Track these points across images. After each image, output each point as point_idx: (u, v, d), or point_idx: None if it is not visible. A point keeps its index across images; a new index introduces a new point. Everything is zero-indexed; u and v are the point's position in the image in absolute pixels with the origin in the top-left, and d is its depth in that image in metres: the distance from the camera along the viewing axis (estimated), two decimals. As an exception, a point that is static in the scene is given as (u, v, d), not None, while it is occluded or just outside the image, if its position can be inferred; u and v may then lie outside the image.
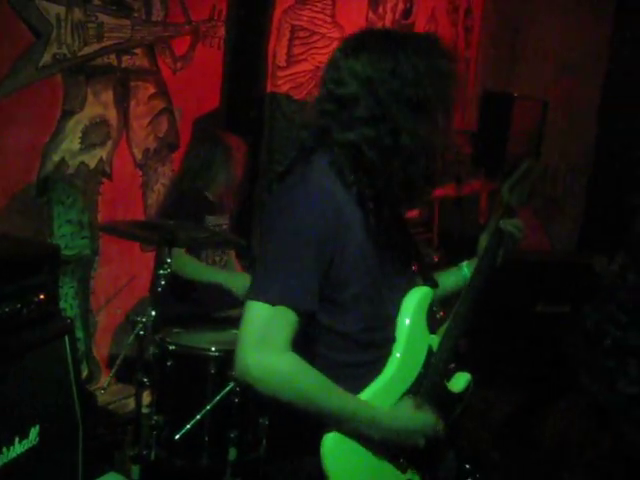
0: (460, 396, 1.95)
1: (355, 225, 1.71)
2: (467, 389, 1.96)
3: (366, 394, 1.75)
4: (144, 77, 3.96)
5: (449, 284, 2.11)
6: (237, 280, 3.52)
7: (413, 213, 4.76)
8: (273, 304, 1.62)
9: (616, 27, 6.76)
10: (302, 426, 1.71)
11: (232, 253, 4.02)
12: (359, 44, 1.76)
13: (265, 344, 1.61)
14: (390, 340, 1.81)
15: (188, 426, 2.90)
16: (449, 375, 1.94)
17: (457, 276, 2.13)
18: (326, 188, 1.69)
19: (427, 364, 1.85)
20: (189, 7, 4.16)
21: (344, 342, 1.76)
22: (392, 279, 1.82)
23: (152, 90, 4.02)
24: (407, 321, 1.82)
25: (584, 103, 6.99)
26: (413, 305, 1.84)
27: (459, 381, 1.96)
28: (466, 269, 2.11)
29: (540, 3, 7.14)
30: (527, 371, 4.99)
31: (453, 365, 1.97)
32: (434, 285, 1.93)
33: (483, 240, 2.10)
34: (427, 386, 1.84)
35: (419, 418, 1.78)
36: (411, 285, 1.88)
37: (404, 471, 1.82)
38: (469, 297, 1.97)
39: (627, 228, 2.94)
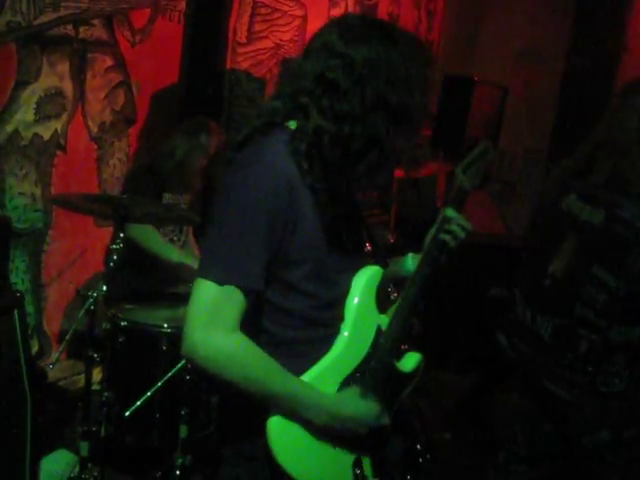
0: (409, 375, 1.95)
1: (306, 206, 1.69)
2: (417, 369, 1.97)
3: (313, 371, 1.75)
4: (101, 49, 3.89)
5: (389, 273, 2.08)
6: (196, 262, 3.49)
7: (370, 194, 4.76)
8: (221, 283, 1.61)
9: (577, 15, 6.82)
10: (250, 407, 1.70)
11: (190, 232, 3.99)
12: (360, 35, 1.70)
13: (213, 323, 1.60)
14: (339, 319, 1.82)
15: (138, 403, 2.88)
16: (399, 355, 1.94)
17: (399, 266, 2.12)
18: (279, 168, 1.67)
19: (375, 344, 1.85)
20: (150, -21, 4.10)
21: (292, 319, 1.75)
22: (343, 259, 1.81)
23: (109, 62, 3.96)
24: (355, 300, 1.82)
25: (544, 89, 7.05)
26: (362, 284, 1.84)
27: (409, 361, 1.96)
28: (410, 261, 2.10)
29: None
30: (479, 354, 5.04)
31: (405, 346, 1.97)
32: (385, 265, 1.93)
33: (430, 234, 2.06)
34: (375, 365, 1.84)
35: (363, 407, 1.79)
36: (362, 265, 1.87)
37: (351, 453, 1.83)
38: (417, 282, 1.96)
39: None
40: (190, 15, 4.39)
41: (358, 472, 1.83)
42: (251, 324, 1.68)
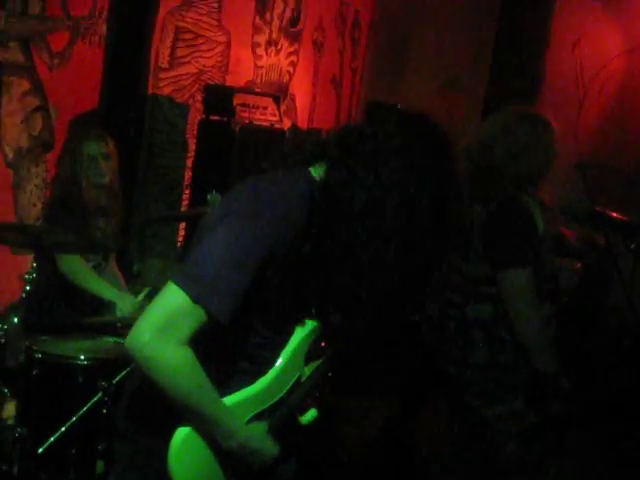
0: (304, 428, 2.00)
1: (291, 254, 1.69)
2: (311, 423, 2.01)
3: (234, 398, 1.78)
4: (18, 73, 3.81)
5: None
6: (126, 301, 3.44)
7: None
8: (195, 301, 1.59)
9: (496, 46, 6.98)
10: (165, 410, 1.70)
11: (113, 257, 3.89)
12: (407, 153, 1.67)
13: (168, 331, 1.60)
14: (273, 361, 1.85)
15: (52, 439, 2.78)
16: (304, 408, 1.99)
17: None
18: (293, 218, 1.67)
19: (290, 391, 1.91)
20: (68, 2, 4.03)
21: (235, 351, 1.79)
22: (298, 311, 1.85)
23: (26, 86, 3.87)
24: (291, 348, 1.88)
25: (465, 118, 7.18)
26: (301, 335, 1.89)
27: (309, 414, 2.01)
28: None
29: (427, 19, 7.29)
30: (401, 377, 5.05)
31: (310, 401, 2.04)
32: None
33: None
34: (282, 411, 1.89)
35: (267, 446, 1.83)
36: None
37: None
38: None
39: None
40: (111, 39, 4.34)
41: None
42: (198, 344, 1.67)
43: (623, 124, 6.43)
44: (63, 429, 2.79)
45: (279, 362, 1.86)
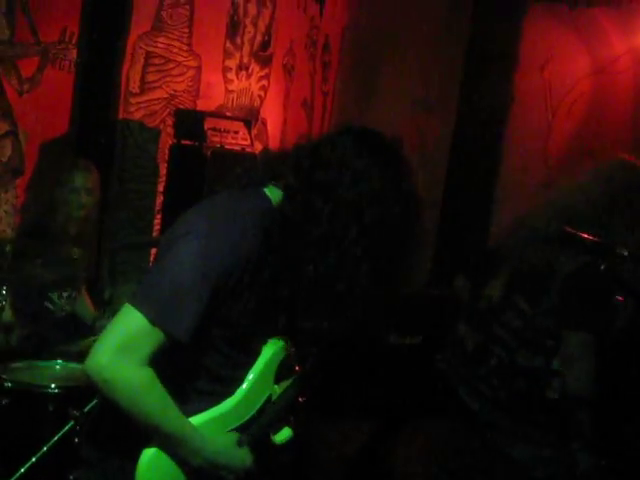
0: (280, 447, 1.99)
1: (254, 277, 1.69)
2: (286, 442, 2.00)
3: (199, 419, 1.77)
4: (-14, 98, 3.78)
5: None
6: (86, 311, 3.41)
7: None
8: (152, 322, 1.59)
9: (467, 67, 7.05)
10: (131, 430, 1.70)
11: (83, 287, 3.85)
12: (375, 164, 1.70)
13: (126, 353, 1.59)
14: (240, 381, 1.85)
15: (22, 470, 2.73)
16: (277, 428, 1.98)
17: None
18: (248, 238, 1.67)
19: (261, 410, 1.90)
20: (38, 27, 4.01)
21: (199, 372, 1.78)
22: (265, 332, 1.85)
23: (-5, 112, 3.84)
24: (259, 368, 1.87)
25: (437, 139, 7.23)
26: (269, 355, 1.88)
27: (283, 434, 2.00)
28: None
29: (396, 41, 7.35)
30: (380, 402, 5.04)
31: (286, 419, 2.02)
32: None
33: None
34: (254, 430, 1.88)
35: (237, 457, 1.82)
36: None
37: None
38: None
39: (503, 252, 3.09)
40: (81, 64, 4.32)
41: None
42: (159, 364, 1.66)
43: (592, 144, 6.51)
44: (34, 459, 2.75)
45: (247, 382, 1.85)
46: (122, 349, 1.59)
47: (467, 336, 2.94)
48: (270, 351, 1.89)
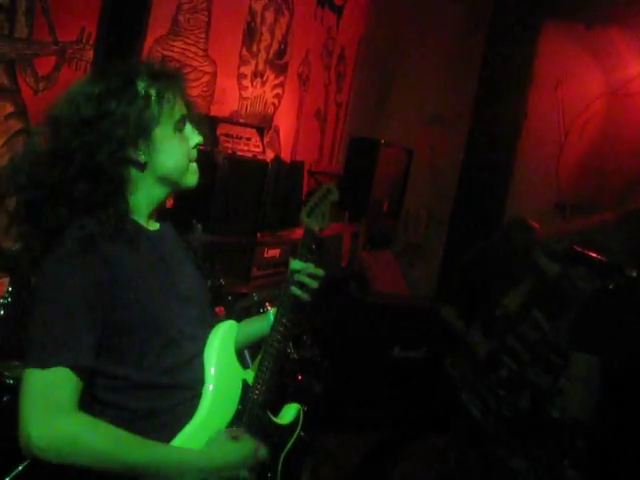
0: (289, 427, 1.93)
1: (126, 274, 1.66)
2: (297, 419, 1.95)
3: (181, 437, 1.69)
4: (1, 95, 3.78)
5: (253, 330, 2.09)
6: None
7: (274, 252, 4.74)
8: (44, 367, 1.53)
9: (480, 84, 7.06)
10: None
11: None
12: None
13: (47, 411, 1.53)
14: (198, 381, 1.77)
15: (20, 468, 2.73)
16: (275, 408, 1.93)
17: (262, 322, 2.10)
18: (84, 255, 1.63)
19: (244, 399, 1.81)
20: (56, 27, 4.02)
21: (141, 390, 1.69)
22: (187, 318, 1.77)
23: (9, 109, 3.84)
24: (214, 359, 1.77)
25: (448, 153, 7.24)
26: (217, 342, 1.79)
27: (288, 412, 1.95)
28: (272, 316, 2.07)
29: (412, 54, 7.37)
30: (382, 414, 5.03)
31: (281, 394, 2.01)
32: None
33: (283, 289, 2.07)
34: (248, 421, 1.80)
35: (236, 451, 1.72)
36: (209, 321, 1.84)
37: None
38: (277, 334, 1.95)
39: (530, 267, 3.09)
40: (98, 65, 4.33)
41: None
42: (96, 402, 1.62)
43: (603, 165, 6.51)
44: (20, 468, 2.73)
45: (206, 380, 1.76)
46: (41, 411, 1.53)
47: (479, 343, 2.95)
48: (216, 338, 1.79)
